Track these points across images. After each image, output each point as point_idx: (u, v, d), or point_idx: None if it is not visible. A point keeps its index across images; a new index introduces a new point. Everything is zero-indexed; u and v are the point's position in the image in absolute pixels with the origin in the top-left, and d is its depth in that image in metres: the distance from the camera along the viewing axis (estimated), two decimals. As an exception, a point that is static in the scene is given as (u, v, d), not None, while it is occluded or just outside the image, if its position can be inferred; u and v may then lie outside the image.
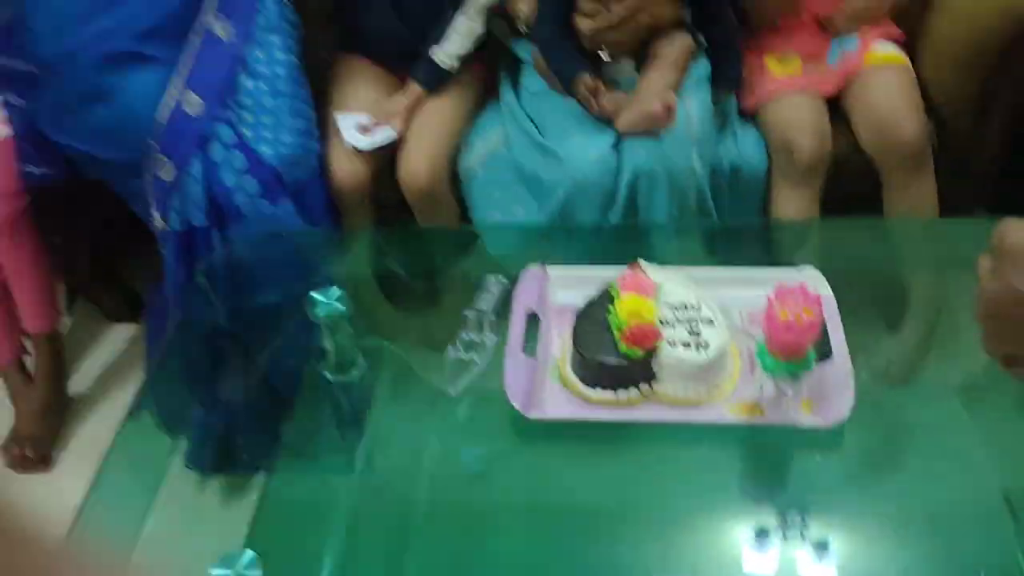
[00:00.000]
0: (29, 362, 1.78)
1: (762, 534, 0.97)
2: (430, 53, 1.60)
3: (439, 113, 1.61)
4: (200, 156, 1.45)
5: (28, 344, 1.77)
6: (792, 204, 1.52)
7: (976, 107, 1.52)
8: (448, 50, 1.60)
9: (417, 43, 1.61)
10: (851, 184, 1.56)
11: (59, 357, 1.78)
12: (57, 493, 1.64)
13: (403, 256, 1.45)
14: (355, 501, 1.15)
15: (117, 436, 1.15)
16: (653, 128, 1.43)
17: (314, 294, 1.17)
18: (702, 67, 1.55)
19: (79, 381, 1.85)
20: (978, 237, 0.62)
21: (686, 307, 1.10)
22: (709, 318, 1.09)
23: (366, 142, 1.54)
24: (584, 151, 1.45)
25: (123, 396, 1.81)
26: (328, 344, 1.21)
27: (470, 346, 1.18)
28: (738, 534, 1.00)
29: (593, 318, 1.10)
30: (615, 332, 1.06)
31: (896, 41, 1.61)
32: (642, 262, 1.15)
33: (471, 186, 1.61)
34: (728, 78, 1.55)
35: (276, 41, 1.53)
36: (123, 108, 1.44)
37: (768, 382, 1.05)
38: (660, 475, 1.09)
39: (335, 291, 1.18)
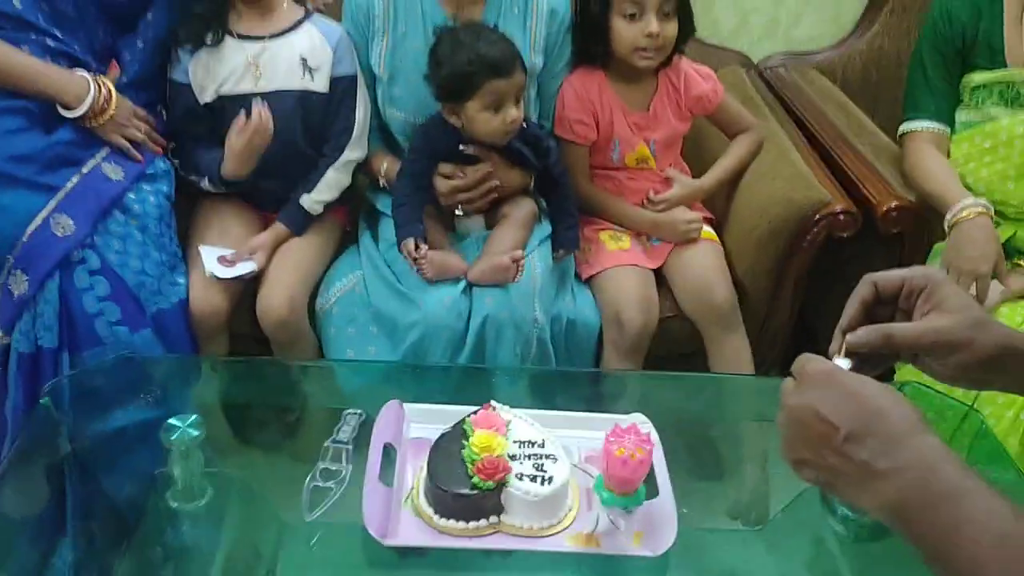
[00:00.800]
0: None
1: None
2: (299, 200, 1.70)
3: (300, 251, 1.70)
4: (58, 278, 1.45)
5: None
6: (620, 365, 1.69)
7: (772, 279, 1.78)
8: (316, 197, 1.71)
9: (286, 190, 1.70)
10: (677, 342, 1.77)
11: None
12: None
13: (259, 386, 1.49)
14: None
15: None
16: (502, 279, 1.58)
17: (172, 420, 1.20)
18: (544, 229, 1.73)
19: None
20: (775, 392, 0.78)
21: (532, 444, 1.21)
22: (552, 455, 1.20)
23: (227, 272, 1.59)
24: (438, 296, 1.57)
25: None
26: (177, 471, 1.23)
27: (328, 475, 1.23)
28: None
29: (446, 451, 1.19)
30: (468, 465, 1.15)
31: (708, 221, 1.86)
32: (494, 403, 1.26)
33: (326, 323, 1.68)
34: (567, 240, 1.73)
35: (153, 188, 1.60)
36: None
37: (603, 515, 1.16)
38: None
39: (193, 417, 1.21)
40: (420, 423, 1.30)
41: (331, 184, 1.72)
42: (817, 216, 1.70)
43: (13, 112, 1.48)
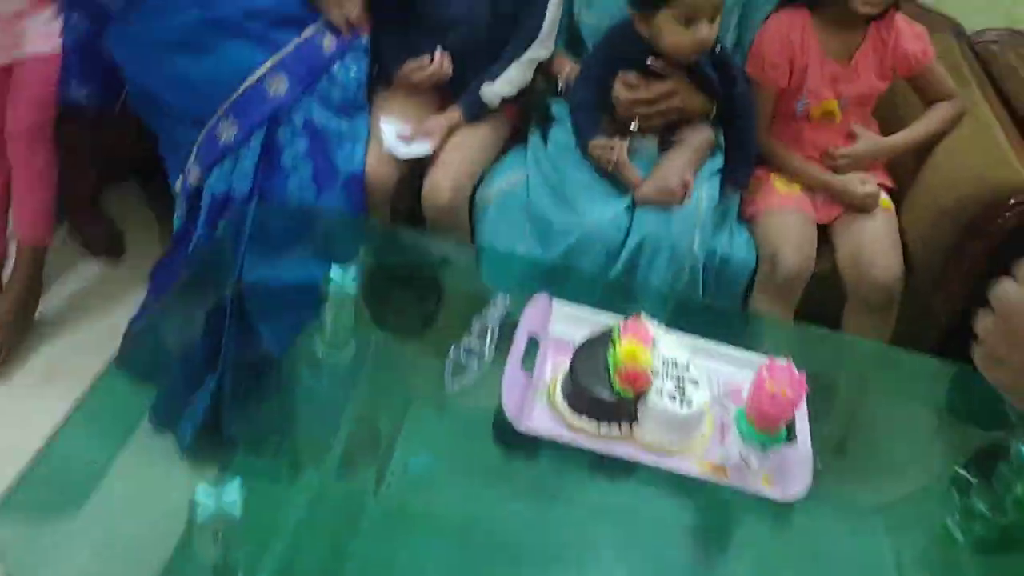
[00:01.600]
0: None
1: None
2: (480, 89, 1.70)
3: (471, 140, 1.70)
4: (264, 132, 1.51)
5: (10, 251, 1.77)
6: (769, 309, 1.64)
7: (946, 259, 1.68)
8: (496, 90, 1.70)
9: (468, 75, 1.71)
10: (820, 302, 1.70)
11: (38, 273, 1.78)
12: (8, 408, 1.65)
13: (416, 258, 1.52)
14: (317, 488, 1.19)
15: (95, 382, 1.14)
16: (667, 202, 1.55)
17: (334, 269, 1.24)
18: (717, 161, 1.68)
19: (46, 304, 1.85)
20: (932, 375, 0.73)
21: (676, 364, 1.19)
22: (695, 379, 1.18)
23: (404, 150, 1.62)
24: (601, 208, 1.56)
25: (87, 330, 1.82)
26: (330, 319, 1.27)
27: (471, 352, 1.26)
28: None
29: (592, 353, 1.19)
30: (611, 369, 1.15)
31: (887, 188, 1.77)
32: (644, 315, 1.25)
33: (483, 216, 1.69)
34: (738, 178, 1.68)
35: (356, 61, 1.64)
36: (211, 69, 1.50)
37: (736, 451, 1.15)
38: (618, 514, 1.17)
39: (352, 270, 1.24)
40: (564, 324, 1.31)
41: (512, 79, 1.71)
42: (1012, 200, 1.59)
43: None
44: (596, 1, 1.70)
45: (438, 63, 1.67)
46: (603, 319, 1.29)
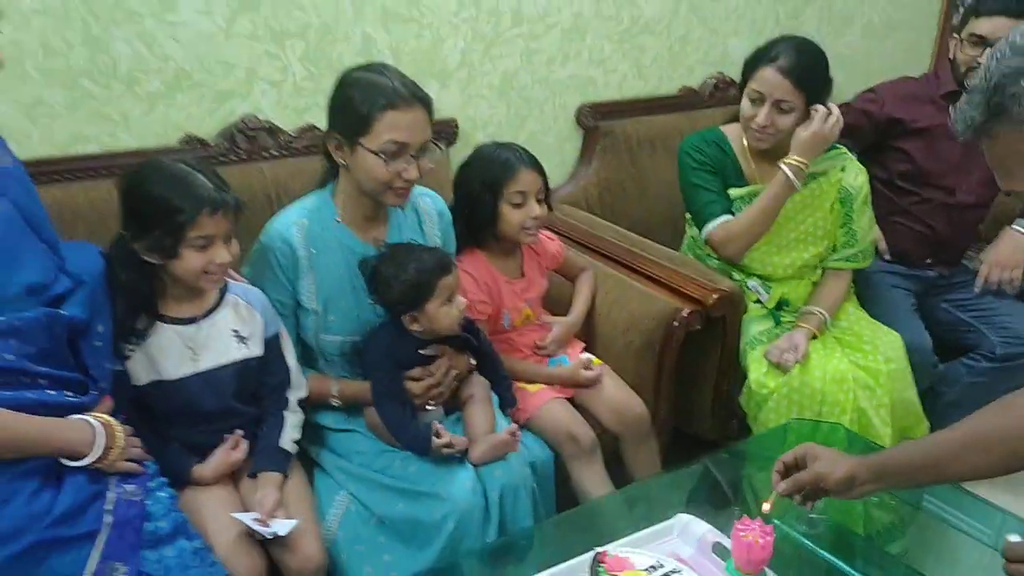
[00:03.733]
0: None
1: None
2: (279, 444, 1.73)
3: (297, 493, 1.72)
4: None
5: None
6: (592, 477, 1.97)
7: (654, 383, 2.19)
8: (291, 438, 1.75)
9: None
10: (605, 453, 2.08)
11: None
12: None
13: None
14: None
15: None
16: (503, 453, 1.78)
17: None
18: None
19: None
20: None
21: (655, 568, 1.45)
22: (676, 567, 1.46)
23: (278, 528, 1.58)
24: (460, 482, 1.72)
25: None
26: None
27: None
28: None
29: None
30: (633, 605, 1.37)
31: (584, 349, 2.23)
32: (600, 548, 1.47)
33: (336, 551, 1.72)
34: (508, 400, 1.97)
35: (158, 485, 1.54)
36: None
37: (732, 599, 1.45)
38: None
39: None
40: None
41: (295, 424, 1.78)
42: (675, 321, 2.15)
43: (25, 475, 1.36)
44: (333, 325, 1.84)
45: (239, 451, 1.71)
46: (564, 570, 1.49)
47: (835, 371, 2.20)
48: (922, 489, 1.84)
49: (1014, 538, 1.23)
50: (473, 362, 1.93)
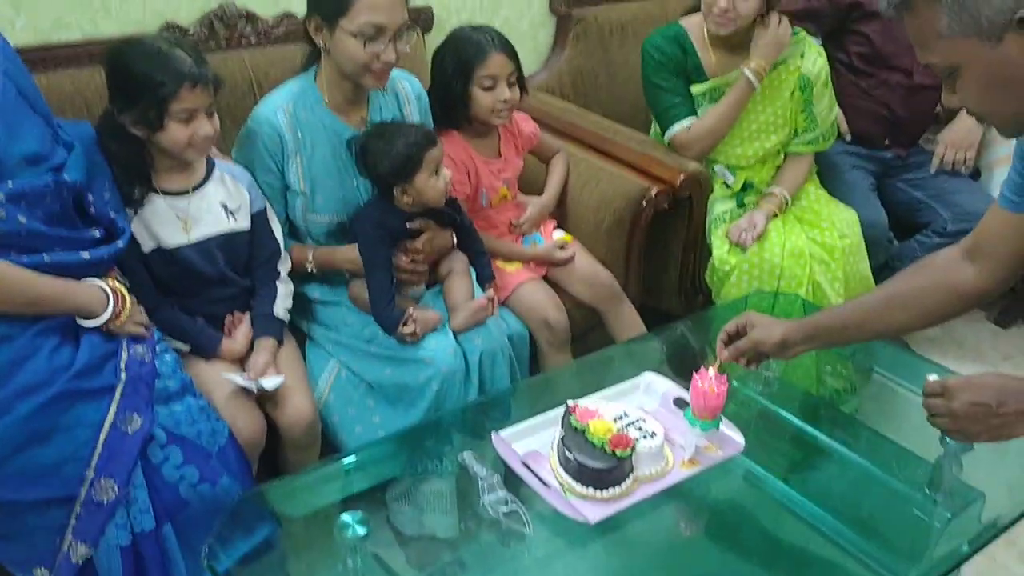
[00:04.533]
0: None
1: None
2: (273, 312, 1.84)
3: (289, 357, 1.86)
4: (141, 464, 1.50)
5: None
6: (554, 361, 2.11)
7: (624, 258, 2.32)
8: (283, 306, 1.87)
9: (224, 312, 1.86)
10: (578, 325, 2.21)
11: None
12: None
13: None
14: None
15: None
16: (482, 319, 1.92)
17: (344, 517, 1.39)
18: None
19: None
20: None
21: (621, 417, 1.61)
22: (639, 417, 1.61)
23: (268, 384, 1.71)
24: (443, 348, 1.86)
25: None
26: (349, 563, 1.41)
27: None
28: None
29: (575, 446, 1.53)
30: (603, 446, 1.51)
31: (557, 226, 2.34)
32: (571, 401, 1.62)
33: (328, 413, 1.87)
34: (486, 276, 2.08)
35: (164, 349, 1.65)
36: (63, 445, 1.44)
37: (693, 444, 1.60)
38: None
39: (359, 515, 1.41)
40: (525, 440, 1.62)
41: (286, 293, 1.89)
42: (644, 200, 2.26)
43: (46, 333, 1.47)
44: (321, 205, 1.94)
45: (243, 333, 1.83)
46: (539, 422, 1.64)
47: (793, 247, 2.33)
48: (874, 358, 2.01)
49: (932, 377, 1.38)
50: (455, 240, 2.04)
